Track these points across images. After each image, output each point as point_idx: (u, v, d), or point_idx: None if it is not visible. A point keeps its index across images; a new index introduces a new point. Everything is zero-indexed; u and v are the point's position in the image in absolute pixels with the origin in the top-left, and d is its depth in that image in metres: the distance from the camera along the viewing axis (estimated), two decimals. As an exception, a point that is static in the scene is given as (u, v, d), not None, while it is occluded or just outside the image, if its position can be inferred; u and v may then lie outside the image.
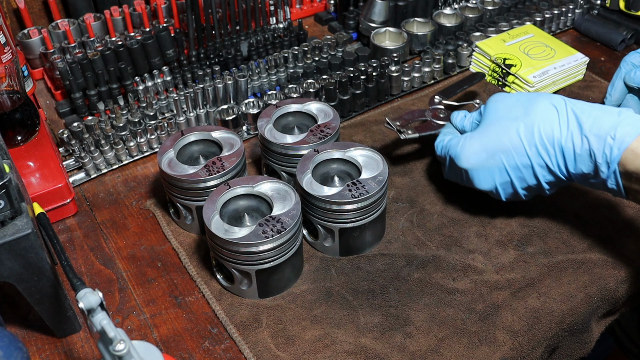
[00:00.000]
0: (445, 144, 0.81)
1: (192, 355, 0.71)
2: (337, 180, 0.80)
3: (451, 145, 0.80)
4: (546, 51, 1.08)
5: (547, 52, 1.08)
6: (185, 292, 0.77)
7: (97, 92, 1.01)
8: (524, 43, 1.10)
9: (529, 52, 1.08)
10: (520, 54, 1.07)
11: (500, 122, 0.75)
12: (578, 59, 1.07)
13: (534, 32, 1.13)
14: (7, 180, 0.60)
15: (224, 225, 0.71)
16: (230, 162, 0.80)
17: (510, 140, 0.74)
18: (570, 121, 0.70)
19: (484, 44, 1.10)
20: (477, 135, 0.77)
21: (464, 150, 0.77)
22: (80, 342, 0.73)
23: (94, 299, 0.50)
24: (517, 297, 0.75)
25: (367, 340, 0.71)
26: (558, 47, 1.09)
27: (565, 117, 0.71)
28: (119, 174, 0.94)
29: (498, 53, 1.08)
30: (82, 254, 0.83)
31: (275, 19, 1.19)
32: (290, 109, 0.89)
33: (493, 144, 0.75)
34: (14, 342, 0.51)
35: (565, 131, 0.70)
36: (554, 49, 1.09)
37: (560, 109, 0.71)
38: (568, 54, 1.08)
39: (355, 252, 0.80)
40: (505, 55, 1.07)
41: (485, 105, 0.79)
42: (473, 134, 0.78)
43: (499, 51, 1.08)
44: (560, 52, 1.08)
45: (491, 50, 1.08)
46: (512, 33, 1.13)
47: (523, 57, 1.07)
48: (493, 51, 1.08)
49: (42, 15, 1.18)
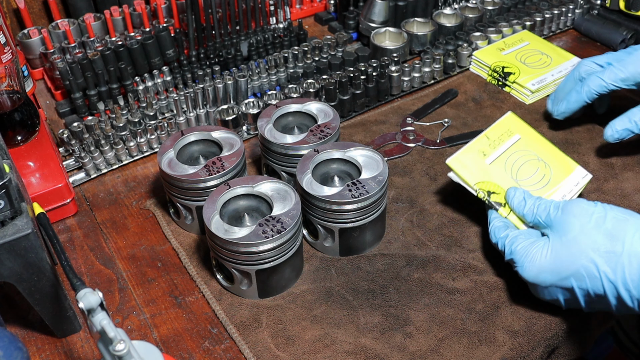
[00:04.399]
0: (508, 243, 0.72)
1: (192, 355, 0.71)
2: (337, 180, 0.80)
3: (516, 251, 0.71)
4: (542, 59, 1.09)
5: (543, 60, 1.09)
6: (185, 292, 0.77)
7: (97, 92, 1.01)
8: (520, 52, 1.11)
9: (526, 61, 1.08)
10: (517, 63, 1.08)
11: (576, 244, 0.65)
12: (574, 64, 1.08)
13: (529, 40, 1.14)
14: (7, 180, 0.60)
15: (224, 225, 0.71)
16: (230, 162, 0.80)
17: (586, 271, 0.65)
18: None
19: (481, 53, 1.11)
20: (547, 253, 0.68)
21: (532, 264, 0.69)
22: (80, 342, 0.73)
23: (94, 299, 0.50)
24: (517, 297, 0.75)
25: (367, 340, 0.71)
26: (554, 53, 1.10)
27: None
28: (119, 174, 0.94)
29: (495, 62, 1.08)
30: (82, 254, 0.83)
31: (275, 19, 1.19)
32: (290, 109, 0.89)
33: (565, 269, 0.66)
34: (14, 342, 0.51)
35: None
36: (550, 56, 1.09)
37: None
38: (564, 60, 1.09)
39: (355, 252, 0.80)
40: (503, 63, 1.08)
41: (561, 211, 0.69)
42: (543, 249, 0.68)
43: (496, 60, 1.09)
44: (556, 59, 1.09)
45: (489, 60, 1.09)
46: (508, 42, 1.13)
47: (520, 66, 1.07)
48: (490, 60, 1.09)
49: (42, 15, 1.18)
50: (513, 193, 0.76)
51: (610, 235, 0.64)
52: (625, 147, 0.94)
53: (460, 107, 1.05)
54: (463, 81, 1.11)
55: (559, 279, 0.67)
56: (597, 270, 0.64)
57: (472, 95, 1.07)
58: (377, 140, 0.97)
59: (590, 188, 0.89)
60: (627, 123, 0.87)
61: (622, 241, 0.63)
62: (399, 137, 0.98)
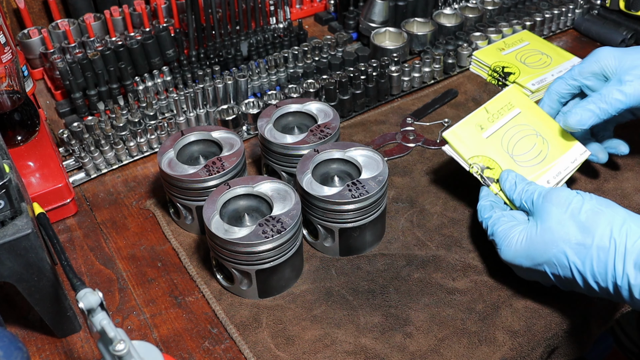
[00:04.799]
0: (491, 224, 0.75)
1: (192, 355, 0.71)
2: (337, 180, 0.80)
3: (497, 232, 0.73)
4: (542, 59, 1.09)
5: (543, 60, 1.09)
6: (185, 292, 0.77)
7: (97, 92, 1.01)
8: (520, 52, 1.11)
9: (526, 61, 1.08)
10: (517, 63, 1.08)
11: (550, 233, 0.68)
12: (574, 63, 1.08)
13: (529, 40, 1.14)
14: (7, 180, 0.60)
15: (224, 225, 0.71)
16: (230, 162, 0.80)
17: (557, 260, 0.68)
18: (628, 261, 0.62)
19: (481, 53, 1.11)
20: (523, 239, 0.70)
21: (509, 248, 0.71)
22: (80, 342, 0.73)
23: (94, 299, 0.50)
24: (517, 297, 0.75)
25: (367, 340, 0.71)
26: (554, 53, 1.10)
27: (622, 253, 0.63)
28: (119, 174, 0.94)
29: (495, 62, 1.08)
30: (82, 254, 0.83)
31: (275, 19, 1.19)
32: (290, 109, 0.89)
33: (539, 257, 0.69)
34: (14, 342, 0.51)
35: (620, 271, 0.63)
36: (550, 56, 1.09)
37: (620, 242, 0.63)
38: (564, 60, 1.09)
39: (355, 252, 0.80)
40: (503, 63, 1.08)
41: (543, 199, 0.71)
42: (520, 234, 0.71)
43: (496, 60, 1.09)
44: (556, 59, 1.09)
45: (489, 60, 1.09)
46: (508, 42, 1.13)
47: (520, 66, 1.08)
48: (490, 60, 1.09)
49: (42, 15, 1.18)
50: (506, 176, 0.77)
51: (582, 227, 0.66)
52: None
53: (460, 107, 1.05)
54: (463, 81, 1.11)
55: (533, 264, 0.70)
56: (567, 260, 0.67)
57: (472, 95, 1.08)
58: (377, 140, 0.97)
59: (590, 188, 0.89)
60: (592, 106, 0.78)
61: (593, 234, 0.65)
62: (399, 137, 0.98)
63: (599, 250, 0.65)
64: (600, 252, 0.64)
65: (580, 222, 0.66)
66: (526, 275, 0.74)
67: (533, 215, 0.72)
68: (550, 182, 0.80)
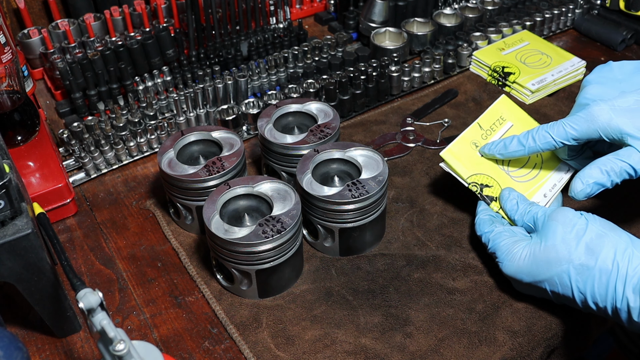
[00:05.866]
0: (492, 238, 0.74)
1: (192, 355, 0.71)
2: (337, 180, 0.80)
3: (499, 247, 0.73)
4: (542, 59, 1.09)
5: (543, 60, 1.09)
6: (185, 292, 0.77)
7: (97, 92, 1.01)
8: (520, 52, 1.11)
9: (526, 61, 1.08)
10: (517, 63, 1.08)
11: (555, 252, 0.68)
12: (575, 64, 1.08)
13: (529, 40, 1.14)
14: (7, 180, 0.60)
15: (224, 225, 0.71)
16: (230, 162, 0.80)
17: (559, 279, 0.68)
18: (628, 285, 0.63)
19: (481, 53, 1.11)
20: (526, 255, 0.70)
21: (511, 263, 0.71)
22: (80, 342, 0.73)
23: (94, 299, 0.50)
24: (517, 297, 0.75)
25: (367, 340, 0.71)
26: (554, 53, 1.10)
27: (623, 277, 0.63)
28: (119, 174, 0.94)
29: (495, 62, 1.08)
30: (82, 254, 0.83)
31: (275, 19, 1.19)
32: (290, 109, 0.89)
33: (541, 274, 0.69)
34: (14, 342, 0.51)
35: (620, 294, 0.63)
36: (550, 56, 1.09)
37: (622, 266, 0.64)
38: (564, 60, 1.09)
39: (355, 252, 0.80)
40: (503, 63, 1.08)
41: (547, 218, 0.71)
42: (524, 250, 0.71)
43: (496, 60, 1.09)
44: (556, 59, 1.09)
45: (489, 60, 1.09)
46: (508, 42, 1.13)
47: (520, 65, 1.07)
48: (490, 60, 1.09)
49: (42, 15, 1.18)
50: (507, 195, 0.78)
51: (587, 249, 0.66)
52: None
53: (460, 107, 1.05)
54: (463, 81, 1.11)
55: (534, 281, 0.70)
56: (569, 280, 0.67)
57: (472, 95, 1.08)
58: (377, 140, 0.97)
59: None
60: (599, 175, 0.72)
61: (597, 256, 0.66)
62: (399, 137, 0.98)
63: (601, 273, 0.65)
64: (602, 274, 0.65)
65: (585, 244, 0.67)
66: (524, 289, 0.74)
67: (537, 233, 0.72)
68: (547, 195, 0.80)
